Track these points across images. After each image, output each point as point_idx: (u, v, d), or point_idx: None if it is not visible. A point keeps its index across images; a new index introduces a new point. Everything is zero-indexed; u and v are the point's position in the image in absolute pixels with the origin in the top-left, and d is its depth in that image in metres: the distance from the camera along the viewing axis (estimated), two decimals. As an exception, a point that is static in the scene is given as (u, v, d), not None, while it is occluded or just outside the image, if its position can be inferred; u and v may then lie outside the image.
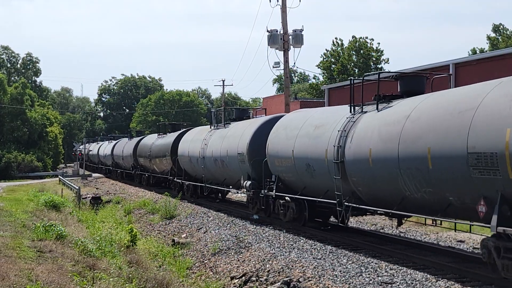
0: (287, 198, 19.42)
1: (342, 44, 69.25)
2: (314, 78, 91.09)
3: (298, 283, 12.96)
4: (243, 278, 14.74)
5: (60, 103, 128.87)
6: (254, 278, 14.39)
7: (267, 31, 34.33)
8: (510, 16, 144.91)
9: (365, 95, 15.96)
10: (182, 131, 34.92)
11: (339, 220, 16.63)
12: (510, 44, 64.66)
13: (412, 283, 11.85)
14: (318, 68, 71.00)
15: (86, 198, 35.99)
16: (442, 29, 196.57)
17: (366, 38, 67.67)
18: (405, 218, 15.74)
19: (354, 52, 67.36)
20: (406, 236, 18.32)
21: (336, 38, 70.78)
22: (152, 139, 41.27)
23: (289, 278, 13.36)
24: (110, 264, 16.00)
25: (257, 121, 24.07)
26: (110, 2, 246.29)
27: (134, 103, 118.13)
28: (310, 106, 33.64)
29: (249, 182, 21.95)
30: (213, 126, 28.74)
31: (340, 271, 13.22)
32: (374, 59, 67.43)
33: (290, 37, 34.36)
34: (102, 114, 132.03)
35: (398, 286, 11.81)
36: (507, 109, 10.53)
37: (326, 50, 70.11)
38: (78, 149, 73.41)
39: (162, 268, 17.34)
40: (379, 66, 67.10)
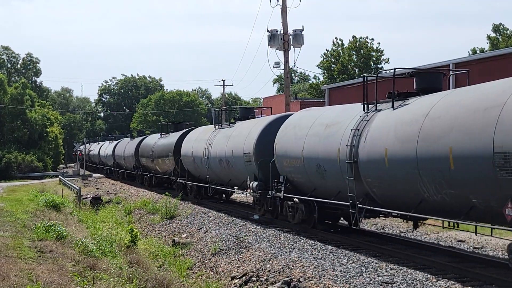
0: (296, 200, 18.83)
1: (342, 44, 69.29)
2: (314, 78, 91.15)
3: (298, 283, 12.95)
4: (244, 278, 14.74)
5: (60, 103, 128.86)
6: (254, 278, 14.39)
7: (267, 31, 34.34)
8: (510, 16, 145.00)
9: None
10: (185, 131, 34.37)
11: (352, 222, 16.14)
12: (510, 44, 64.65)
13: (412, 283, 11.84)
14: (318, 68, 71.10)
15: (86, 198, 35.99)
16: (442, 29, 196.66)
17: (366, 38, 67.74)
18: (421, 221, 15.16)
19: (354, 52, 67.38)
20: (406, 236, 18.31)
21: (336, 38, 70.85)
22: (154, 139, 40.76)
23: (289, 278, 13.36)
24: (110, 264, 16.01)
25: (263, 120, 23.54)
26: (110, 2, 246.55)
27: (134, 103, 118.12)
28: (310, 106, 33.58)
29: (255, 183, 21.41)
30: (217, 126, 28.17)
31: (340, 271, 13.21)
32: (374, 59, 67.45)
33: (290, 37, 34.36)
34: (102, 114, 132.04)
35: (399, 286, 11.81)
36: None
37: (326, 50, 70.22)
38: (78, 149, 73.40)
39: (162, 268, 17.34)
40: (379, 66, 67.12)
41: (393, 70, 15.21)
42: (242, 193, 26.33)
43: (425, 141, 12.49)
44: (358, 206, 15.14)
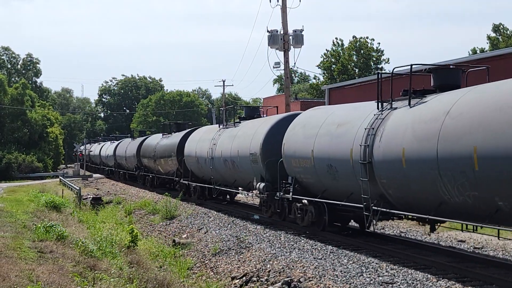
0: (305, 201, 18.21)
1: (343, 44, 69.33)
2: (314, 78, 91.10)
3: (299, 283, 12.95)
4: (244, 278, 14.74)
5: (60, 104, 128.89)
6: (255, 278, 14.39)
7: (267, 31, 34.34)
8: (510, 16, 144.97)
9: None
10: (188, 131, 33.75)
11: (366, 225, 15.55)
12: (510, 44, 64.65)
13: (413, 283, 11.84)
14: (319, 68, 71.16)
15: (86, 198, 35.98)
16: (442, 29, 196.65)
17: (366, 38, 67.76)
18: (438, 224, 14.44)
19: (354, 52, 67.40)
20: (406, 236, 18.31)
21: (336, 38, 70.92)
22: (156, 139, 40.18)
23: (290, 278, 13.36)
24: (111, 264, 16.00)
25: (270, 119, 22.93)
26: (110, 2, 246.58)
27: (135, 104, 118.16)
28: (310, 106, 33.54)
29: (262, 184, 20.87)
30: (221, 125, 27.66)
31: (341, 271, 13.21)
32: (374, 59, 67.47)
33: (290, 37, 34.36)
34: (102, 115, 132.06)
35: (399, 286, 11.81)
36: None
37: (326, 50, 70.28)
38: (78, 149, 73.36)
39: (162, 268, 17.33)
40: (380, 66, 67.14)
41: (409, 66, 14.55)
42: (248, 194, 25.61)
43: (446, 140, 11.90)
44: (373, 208, 14.53)
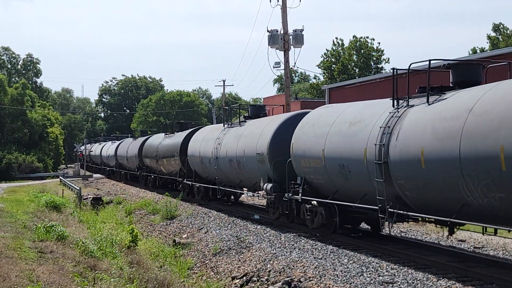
0: (314, 203, 17.56)
1: (343, 44, 69.33)
2: (314, 78, 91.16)
3: (299, 283, 12.95)
4: (244, 278, 14.74)
5: (60, 104, 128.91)
6: (255, 278, 14.39)
7: (268, 31, 34.34)
8: (510, 15, 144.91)
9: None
10: (192, 130, 33.21)
11: (382, 228, 14.98)
12: (510, 43, 64.65)
13: (413, 283, 11.84)
14: (319, 68, 71.16)
15: (87, 198, 35.98)
16: (442, 29, 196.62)
17: (366, 38, 67.75)
18: (457, 227, 13.91)
19: (354, 52, 67.40)
20: (407, 235, 18.31)
21: (336, 38, 70.91)
22: (158, 139, 39.60)
23: (290, 278, 13.35)
24: (111, 264, 16.01)
25: (278, 118, 22.22)
26: (110, 3, 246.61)
27: (135, 104, 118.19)
28: (310, 106, 33.59)
29: (270, 185, 20.24)
30: (226, 124, 27.03)
31: (341, 271, 13.21)
32: (375, 59, 67.47)
33: (291, 37, 34.36)
34: (102, 115, 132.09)
35: (399, 285, 11.80)
36: None
37: (326, 50, 70.28)
38: (78, 149, 73.32)
39: (163, 268, 17.33)
40: (380, 66, 67.16)
41: (427, 62, 13.93)
42: (253, 195, 24.92)
43: (470, 139, 11.34)
44: (388, 210, 13.93)
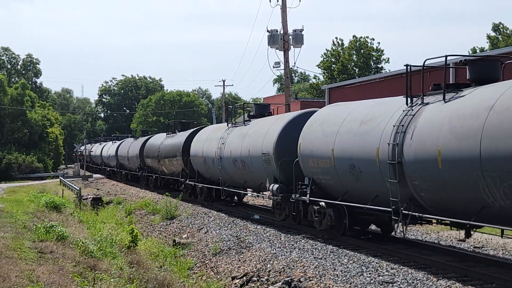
0: (322, 204, 17.11)
1: (343, 44, 69.30)
2: (314, 78, 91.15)
3: (299, 283, 12.95)
4: (244, 278, 14.74)
5: (60, 104, 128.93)
6: (255, 278, 14.39)
7: (267, 31, 34.37)
8: (510, 15, 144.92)
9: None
10: (194, 130, 32.67)
11: (396, 231, 14.42)
12: (510, 43, 64.65)
13: (413, 283, 11.84)
14: (319, 68, 71.06)
15: (87, 199, 35.99)
16: (442, 29, 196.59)
17: (366, 37, 67.74)
18: (474, 229, 13.35)
19: (354, 52, 67.40)
20: (407, 235, 18.28)
21: (336, 38, 70.88)
22: (160, 139, 39.13)
23: (290, 278, 13.35)
24: (111, 264, 16.02)
25: (284, 117, 21.72)
26: (110, 3, 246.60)
27: (135, 104, 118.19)
28: (310, 106, 33.59)
29: (276, 186, 19.74)
30: (230, 124, 26.57)
31: (341, 271, 13.21)
32: (375, 59, 67.46)
33: (290, 37, 34.39)
34: (102, 115, 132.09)
35: (399, 285, 11.80)
36: None
37: (326, 50, 70.20)
38: (78, 150, 73.33)
39: (163, 268, 17.33)
40: (380, 66, 67.16)
41: (443, 58, 13.45)
42: (257, 196, 24.42)
43: (491, 137, 10.91)
44: (403, 212, 13.48)
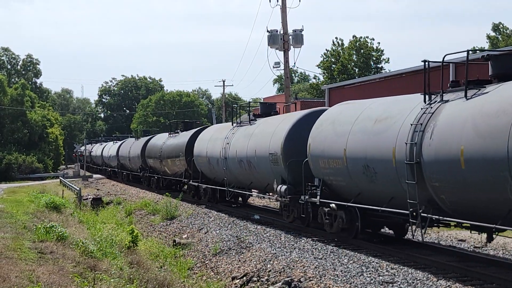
0: (333, 206, 16.55)
1: (343, 44, 69.31)
2: (314, 78, 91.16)
3: (299, 283, 12.95)
4: (245, 278, 14.74)
5: (60, 104, 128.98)
6: (255, 278, 14.40)
7: (267, 31, 34.41)
8: (509, 15, 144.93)
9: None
10: (198, 129, 32.22)
11: (414, 234, 13.80)
12: (510, 43, 64.67)
13: (413, 283, 11.84)
14: (318, 68, 71.06)
15: (87, 199, 36.00)
16: (442, 29, 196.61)
17: (366, 37, 67.74)
18: (497, 233, 12.77)
19: (354, 52, 67.39)
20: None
21: (336, 38, 70.89)
22: (162, 139, 38.70)
23: (290, 278, 13.36)
24: (111, 265, 16.01)
25: (292, 116, 21.13)
26: (110, 3, 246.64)
27: (135, 104, 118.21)
28: (310, 106, 33.59)
29: (284, 187, 19.21)
30: (235, 123, 25.94)
31: (341, 271, 13.21)
32: (374, 59, 67.46)
33: (290, 37, 34.42)
34: (102, 115, 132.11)
35: (399, 285, 11.80)
36: None
37: (326, 50, 70.18)
38: (78, 150, 73.35)
39: (163, 268, 17.33)
40: (379, 66, 67.16)
41: (465, 53, 12.84)
42: (263, 197, 23.90)
43: None
44: (421, 215, 12.94)
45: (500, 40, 69.96)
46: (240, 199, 28.18)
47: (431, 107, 13.07)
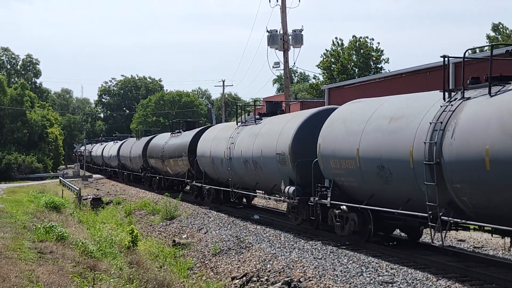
0: (344, 208, 15.99)
1: (342, 44, 69.28)
2: (314, 78, 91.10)
3: (299, 283, 12.95)
4: (244, 278, 14.74)
5: (60, 104, 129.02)
6: (255, 278, 14.39)
7: (267, 31, 34.42)
8: (510, 15, 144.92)
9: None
10: (201, 129, 31.58)
11: (434, 237, 13.10)
12: (510, 43, 64.69)
13: (413, 283, 11.84)
14: (318, 68, 70.96)
15: (86, 199, 36.00)
16: (442, 29, 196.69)
17: (366, 38, 67.73)
18: None
19: (354, 52, 67.38)
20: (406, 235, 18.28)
21: (336, 38, 70.84)
22: (164, 138, 38.25)
23: (290, 278, 13.35)
24: (110, 265, 16.02)
25: (301, 114, 20.44)
26: (110, 3, 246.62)
27: (134, 104, 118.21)
28: (310, 106, 33.59)
29: (292, 188, 18.58)
30: (240, 122, 25.34)
31: (341, 271, 13.21)
32: (374, 59, 67.45)
33: (290, 37, 34.42)
34: (102, 115, 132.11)
35: (399, 285, 11.80)
36: None
37: (326, 50, 70.12)
38: (78, 150, 73.36)
39: (163, 268, 17.33)
40: (379, 66, 67.15)
41: (490, 47, 12.25)
42: (269, 198, 23.32)
43: None
44: (441, 218, 12.34)
45: (500, 40, 69.94)
46: (244, 200, 27.65)
47: (452, 105, 12.45)
